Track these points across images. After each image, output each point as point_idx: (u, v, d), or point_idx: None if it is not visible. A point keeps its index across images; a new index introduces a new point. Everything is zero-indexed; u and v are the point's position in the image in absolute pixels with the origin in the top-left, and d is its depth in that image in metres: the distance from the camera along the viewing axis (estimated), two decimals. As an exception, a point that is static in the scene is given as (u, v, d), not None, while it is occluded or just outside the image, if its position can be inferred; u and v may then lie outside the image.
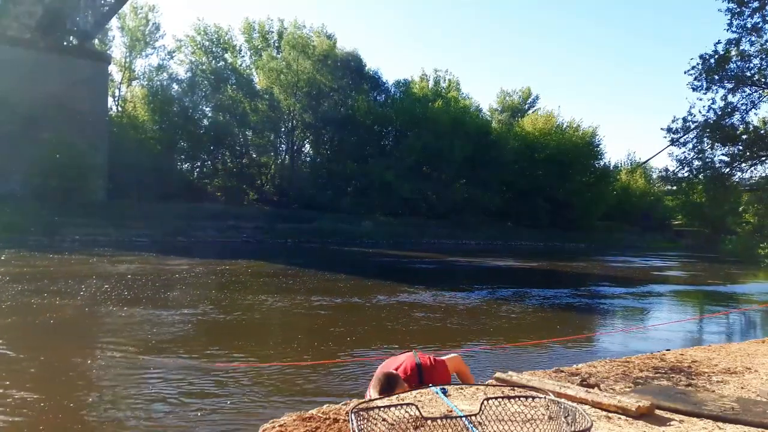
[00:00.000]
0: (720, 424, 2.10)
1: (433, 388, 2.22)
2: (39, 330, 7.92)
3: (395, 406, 1.77)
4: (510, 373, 2.65)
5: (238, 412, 4.90)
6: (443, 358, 3.18)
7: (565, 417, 1.66)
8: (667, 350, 3.88)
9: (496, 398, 1.82)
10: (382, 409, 1.74)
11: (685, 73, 21.16)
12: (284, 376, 6.05)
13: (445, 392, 2.21)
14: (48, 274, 13.64)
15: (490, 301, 12.21)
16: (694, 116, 21.53)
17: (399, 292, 12.99)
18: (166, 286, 12.58)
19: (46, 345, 7.16)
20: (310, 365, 6.48)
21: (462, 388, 2.46)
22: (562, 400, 1.78)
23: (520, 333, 8.70)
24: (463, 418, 1.76)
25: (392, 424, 1.77)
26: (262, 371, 6.08)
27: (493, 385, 2.38)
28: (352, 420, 1.58)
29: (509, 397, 1.83)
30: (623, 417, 2.10)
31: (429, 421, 1.82)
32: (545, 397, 1.82)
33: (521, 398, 1.84)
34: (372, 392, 2.71)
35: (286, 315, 10.46)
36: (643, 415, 2.11)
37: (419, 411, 1.76)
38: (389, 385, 2.65)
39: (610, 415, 2.12)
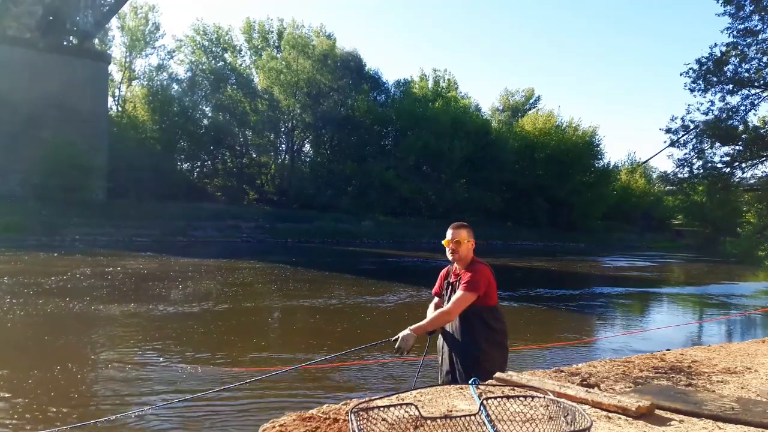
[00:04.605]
0: (720, 423, 2.09)
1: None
2: (38, 329, 7.91)
3: (395, 406, 1.77)
4: (510, 372, 2.65)
5: (238, 412, 4.90)
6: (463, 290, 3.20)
7: (565, 417, 1.66)
8: (667, 350, 3.88)
9: (495, 398, 1.82)
10: (381, 409, 1.74)
11: (681, 75, 21.11)
12: (284, 376, 6.05)
13: (476, 383, 2.22)
14: (48, 273, 13.64)
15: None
16: (694, 117, 21.51)
17: (398, 292, 13.00)
18: (165, 286, 12.58)
19: (45, 344, 7.16)
20: (309, 365, 6.48)
21: (462, 388, 2.46)
22: (562, 399, 1.78)
23: (520, 333, 8.70)
24: (463, 418, 1.76)
25: (392, 424, 1.77)
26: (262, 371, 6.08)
27: (493, 385, 2.37)
28: (351, 420, 1.58)
29: (509, 397, 1.83)
30: (623, 417, 2.10)
31: (429, 421, 1.82)
32: (545, 397, 1.82)
33: (521, 398, 1.84)
34: (453, 230, 3.35)
35: (285, 315, 10.46)
36: (643, 414, 2.11)
37: (419, 411, 1.76)
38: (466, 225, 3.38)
39: (610, 415, 2.12)
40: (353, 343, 7.38)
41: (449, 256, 3.37)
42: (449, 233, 3.35)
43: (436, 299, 3.52)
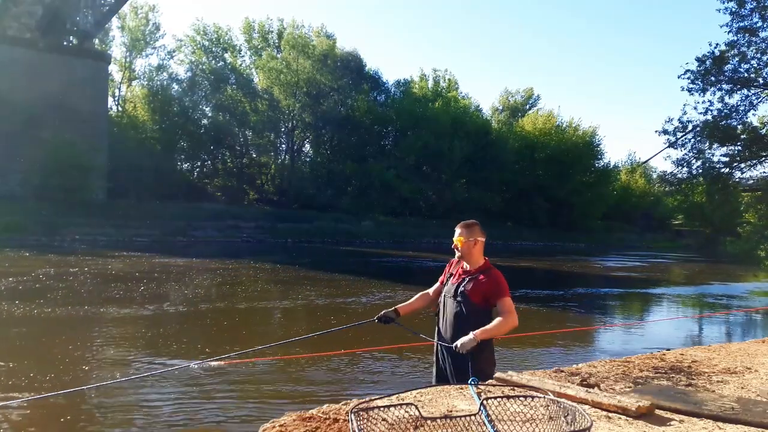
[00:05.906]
0: (720, 423, 2.09)
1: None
2: (35, 327, 7.91)
3: (395, 406, 1.77)
4: (510, 372, 2.65)
5: (238, 412, 4.90)
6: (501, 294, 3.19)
7: (565, 417, 1.66)
8: (667, 350, 3.88)
9: (496, 398, 1.82)
10: (381, 409, 1.74)
11: (679, 77, 21.04)
12: (284, 375, 6.05)
13: (476, 383, 2.21)
14: (49, 272, 13.62)
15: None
16: (691, 116, 21.47)
17: (398, 291, 12.98)
18: (164, 286, 12.58)
19: (41, 343, 7.15)
20: (309, 364, 6.48)
21: (462, 388, 2.46)
22: (562, 399, 1.78)
23: (519, 333, 8.69)
24: (463, 418, 1.76)
25: (392, 424, 1.77)
26: (262, 372, 6.08)
27: (493, 385, 2.37)
28: (351, 420, 1.58)
29: (509, 397, 1.83)
30: (623, 417, 2.10)
31: (429, 421, 1.82)
32: (545, 397, 1.82)
33: (521, 398, 1.84)
34: (456, 229, 3.36)
35: (285, 314, 10.45)
36: (643, 414, 2.11)
37: (419, 411, 1.76)
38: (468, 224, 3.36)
39: (610, 415, 2.12)
40: (349, 343, 7.35)
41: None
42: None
43: (435, 286, 3.55)
